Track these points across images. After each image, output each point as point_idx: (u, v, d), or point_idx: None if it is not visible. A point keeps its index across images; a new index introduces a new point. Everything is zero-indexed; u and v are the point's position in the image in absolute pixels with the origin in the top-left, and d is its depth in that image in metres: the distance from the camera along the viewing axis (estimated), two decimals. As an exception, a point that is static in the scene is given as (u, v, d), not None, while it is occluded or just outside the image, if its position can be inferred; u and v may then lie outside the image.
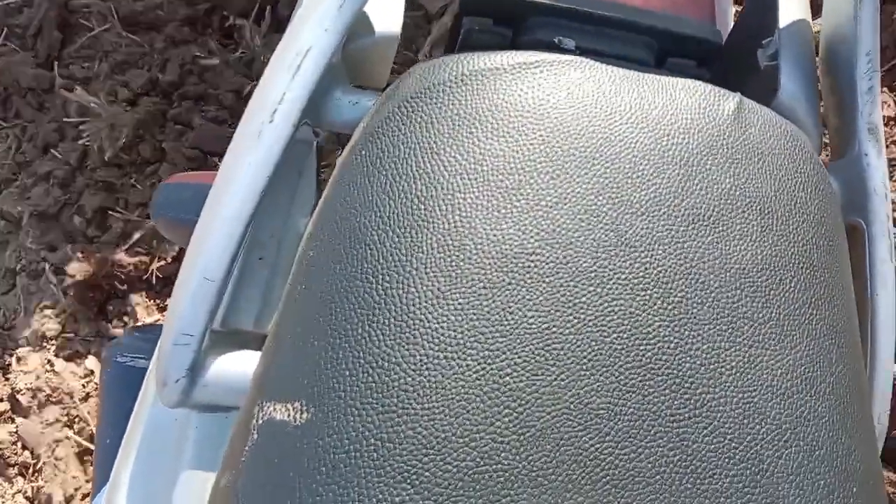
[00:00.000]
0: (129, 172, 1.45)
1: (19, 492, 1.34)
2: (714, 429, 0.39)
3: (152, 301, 1.41)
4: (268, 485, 0.36)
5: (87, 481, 1.30)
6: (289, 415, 0.38)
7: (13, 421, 1.36)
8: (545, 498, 0.35)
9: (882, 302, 0.50)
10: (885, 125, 1.32)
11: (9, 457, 1.34)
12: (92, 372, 1.37)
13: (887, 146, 1.30)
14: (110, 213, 1.42)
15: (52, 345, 1.42)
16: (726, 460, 0.38)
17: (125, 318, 1.41)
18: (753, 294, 0.41)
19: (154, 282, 1.40)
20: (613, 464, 0.37)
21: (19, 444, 1.36)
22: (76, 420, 1.34)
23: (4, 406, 1.36)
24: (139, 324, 1.38)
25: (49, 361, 1.40)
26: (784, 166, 0.45)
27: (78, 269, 1.42)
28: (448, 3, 1.48)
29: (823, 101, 0.56)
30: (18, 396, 1.34)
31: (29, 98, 1.52)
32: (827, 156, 0.66)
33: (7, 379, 1.38)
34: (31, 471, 1.36)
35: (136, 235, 1.40)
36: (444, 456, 0.35)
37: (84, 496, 1.29)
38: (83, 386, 1.37)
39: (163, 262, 1.41)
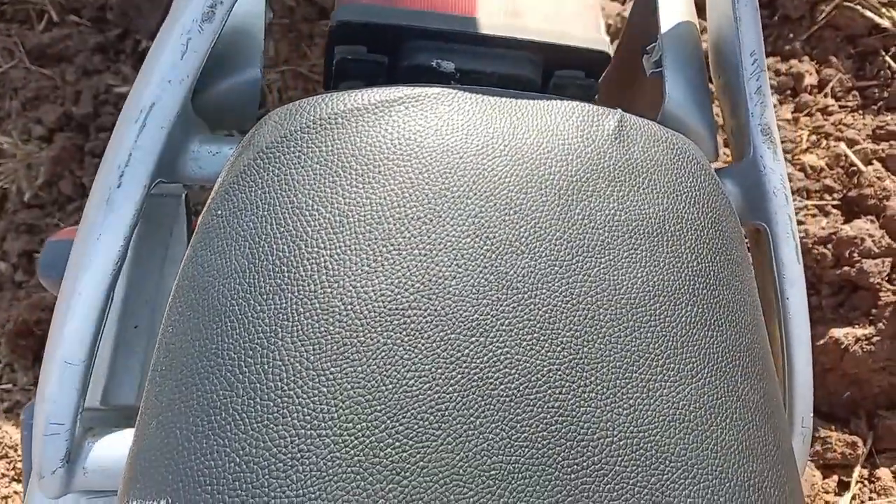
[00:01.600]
0: (51, 212, 1.40)
1: (-30, 554, 1.29)
2: (615, 475, 0.36)
3: (88, 343, 1.36)
4: None
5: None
6: None
7: (-44, 481, 1.31)
8: None
9: (793, 302, 0.48)
10: (809, 93, 1.31)
11: (-43, 517, 1.30)
12: (32, 423, 1.32)
13: (811, 115, 1.29)
14: (36, 255, 1.36)
15: (-9, 397, 1.37)
16: None
17: (62, 364, 1.35)
18: (647, 324, 0.39)
19: (88, 323, 1.35)
20: None
21: (-35, 504, 1.31)
22: (22, 474, 1.30)
23: (-54, 466, 1.31)
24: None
25: (-11, 415, 1.35)
26: (671, 182, 0.43)
27: (8, 316, 1.37)
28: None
29: (718, 103, 0.54)
30: (-41, 455, 1.29)
31: (-60, 144, 1.45)
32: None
33: (-53, 438, 1.33)
34: (-18, 529, 1.31)
35: (65, 277, 1.35)
36: None
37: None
38: (25, 439, 1.32)
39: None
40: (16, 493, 1.30)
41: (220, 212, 0.39)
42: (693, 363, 0.39)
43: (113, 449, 0.43)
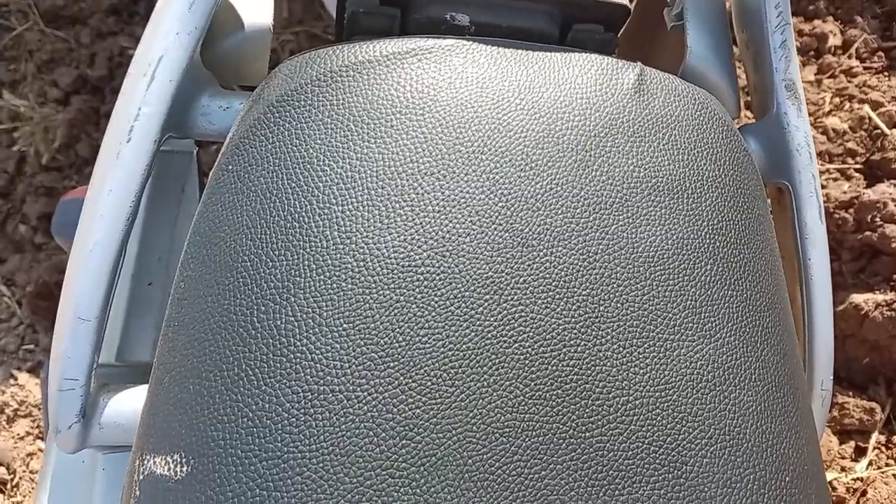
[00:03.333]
0: (69, 174, 1.40)
1: (-1, 509, 1.32)
2: (630, 434, 0.36)
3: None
4: None
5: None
6: (168, 468, 0.35)
7: (-16, 440, 1.34)
8: None
9: (815, 265, 0.47)
10: (833, 54, 1.28)
11: (-15, 475, 1.33)
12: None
13: (835, 76, 1.26)
14: (54, 218, 1.37)
15: (14, 358, 1.39)
16: (646, 467, 0.35)
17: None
18: (666, 282, 0.38)
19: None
20: (523, 485, 0.34)
21: (-6, 462, 1.34)
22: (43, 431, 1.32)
23: (-28, 426, 1.34)
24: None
25: (13, 375, 1.37)
26: (692, 138, 0.42)
27: (29, 278, 1.38)
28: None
29: (741, 57, 0.52)
30: (-14, 414, 1.32)
31: (-43, 107, 1.46)
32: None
33: (-28, 398, 1.35)
34: (8, 486, 1.33)
35: (83, 239, 1.36)
36: (337, 500, 0.33)
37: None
38: (49, 397, 1.34)
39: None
40: (40, 450, 1.33)
41: (230, 167, 0.39)
42: (712, 322, 0.38)
43: (128, 405, 0.43)
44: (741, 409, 0.38)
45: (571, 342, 0.37)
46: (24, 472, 1.32)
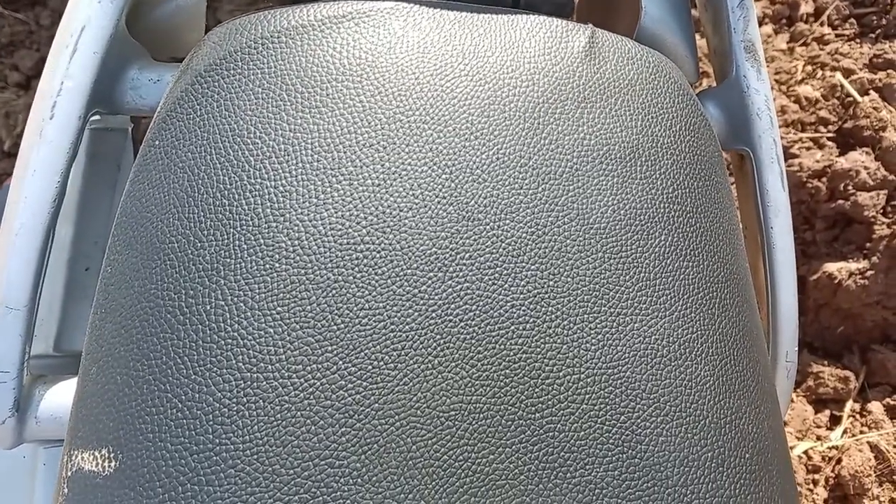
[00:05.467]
0: (29, 160, 1.37)
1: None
2: (582, 413, 0.34)
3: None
4: None
5: None
6: (96, 464, 0.33)
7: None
8: None
9: (777, 231, 0.46)
10: (805, 22, 1.26)
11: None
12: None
13: (807, 44, 1.25)
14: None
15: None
16: (599, 447, 0.34)
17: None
18: (618, 255, 0.37)
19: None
20: (471, 469, 0.33)
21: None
22: None
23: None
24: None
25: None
26: (646, 103, 0.40)
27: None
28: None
29: (700, 18, 0.50)
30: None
31: (-88, 93, 1.42)
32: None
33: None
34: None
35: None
36: (274, 493, 0.31)
37: None
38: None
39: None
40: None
41: (157, 142, 0.36)
42: (666, 295, 0.37)
43: (66, 397, 0.41)
44: (698, 384, 0.36)
45: (520, 319, 0.35)
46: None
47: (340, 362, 0.33)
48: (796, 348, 0.48)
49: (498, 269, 0.35)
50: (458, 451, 0.33)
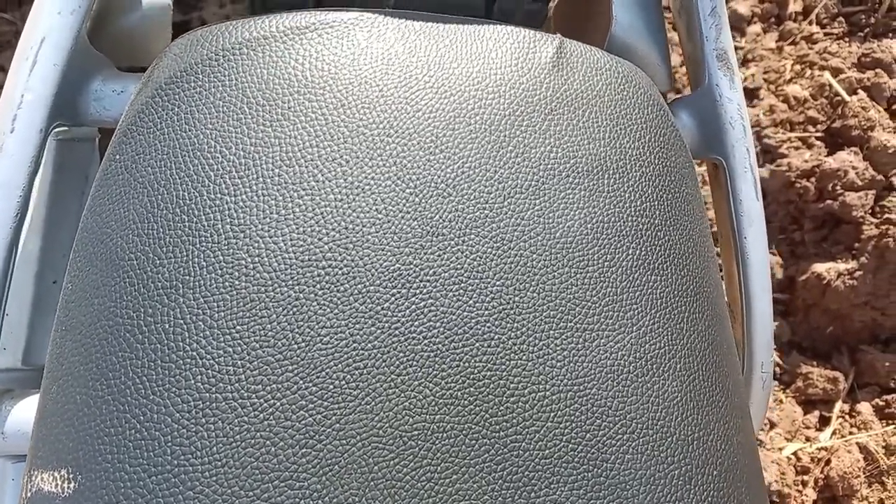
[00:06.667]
0: (16, 162, 1.36)
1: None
2: (548, 431, 0.34)
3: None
4: None
5: None
6: (56, 485, 0.32)
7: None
8: None
9: (751, 241, 0.45)
10: (794, 21, 1.26)
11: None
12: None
13: (796, 43, 1.24)
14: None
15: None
16: (564, 465, 0.34)
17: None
18: (584, 269, 0.36)
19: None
20: (434, 490, 0.32)
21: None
22: None
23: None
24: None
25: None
26: (614, 115, 0.39)
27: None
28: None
29: (675, 26, 0.50)
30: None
31: None
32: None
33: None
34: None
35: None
36: None
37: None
38: None
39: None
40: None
41: (118, 156, 0.36)
42: (633, 310, 0.37)
43: (34, 411, 0.41)
44: (665, 400, 0.36)
45: (484, 336, 0.34)
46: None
47: (301, 382, 0.32)
48: (772, 359, 0.48)
49: (462, 285, 0.35)
50: (420, 472, 0.32)
